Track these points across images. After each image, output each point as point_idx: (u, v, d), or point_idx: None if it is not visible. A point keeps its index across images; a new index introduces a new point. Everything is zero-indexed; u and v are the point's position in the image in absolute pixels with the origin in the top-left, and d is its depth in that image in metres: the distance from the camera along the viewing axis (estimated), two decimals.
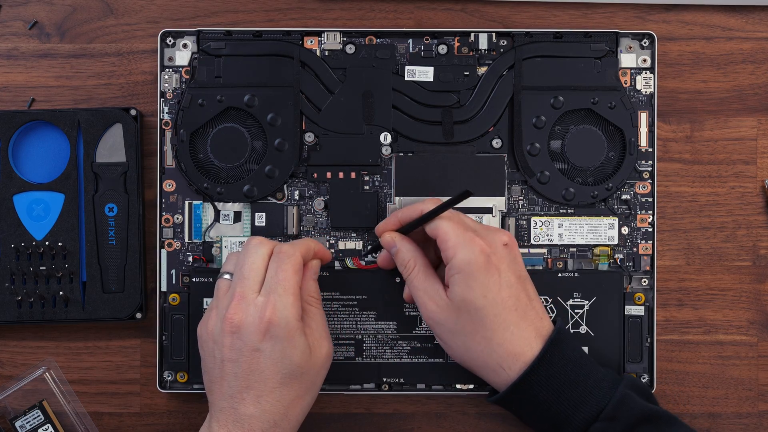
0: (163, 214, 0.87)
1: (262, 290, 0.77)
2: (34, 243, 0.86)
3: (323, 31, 0.87)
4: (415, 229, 0.81)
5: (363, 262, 0.87)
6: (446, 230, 0.78)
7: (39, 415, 0.86)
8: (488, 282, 0.78)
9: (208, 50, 0.86)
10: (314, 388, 0.79)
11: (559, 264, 0.87)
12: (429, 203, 0.81)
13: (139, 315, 0.86)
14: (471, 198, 0.85)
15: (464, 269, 0.77)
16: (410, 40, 0.87)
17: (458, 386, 0.87)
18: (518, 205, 0.87)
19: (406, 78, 0.87)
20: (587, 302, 0.86)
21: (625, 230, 0.87)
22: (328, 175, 0.87)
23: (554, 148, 0.87)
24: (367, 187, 0.87)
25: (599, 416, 0.77)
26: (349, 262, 0.87)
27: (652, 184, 0.87)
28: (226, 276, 0.80)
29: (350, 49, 0.87)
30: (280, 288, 0.77)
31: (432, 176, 0.86)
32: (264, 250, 0.79)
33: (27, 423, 0.86)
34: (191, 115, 0.86)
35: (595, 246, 0.87)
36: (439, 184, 0.86)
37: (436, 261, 0.83)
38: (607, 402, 0.77)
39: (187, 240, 0.87)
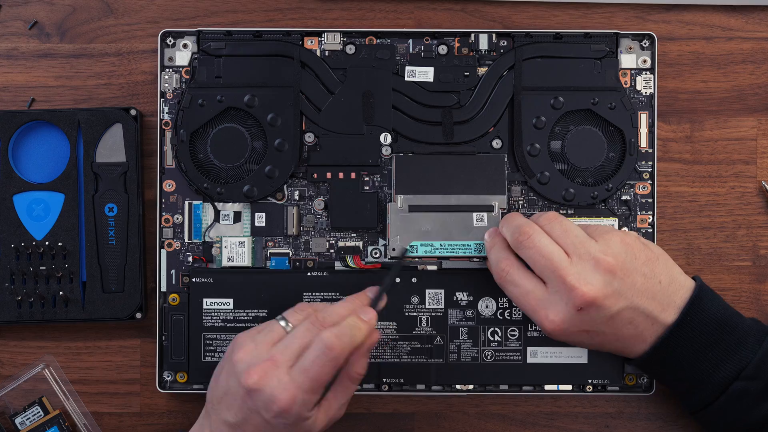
0: (163, 214, 0.87)
1: (294, 367, 0.74)
2: (34, 243, 0.86)
3: (323, 32, 0.87)
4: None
5: (364, 262, 0.87)
6: (519, 307, 0.80)
7: (39, 412, 0.86)
8: (578, 340, 0.79)
9: (208, 50, 0.86)
10: None
11: None
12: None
13: (139, 315, 0.87)
14: (471, 196, 0.85)
15: (551, 336, 0.79)
16: (410, 41, 0.87)
17: (458, 386, 0.87)
18: (518, 205, 0.87)
19: (407, 78, 0.87)
20: None
21: (625, 231, 0.87)
22: (328, 175, 0.87)
23: (554, 148, 0.87)
24: (367, 188, 0.87)
25: (740, 375, 0.77)
26: (350, 261, 0.87)
27: (652, 185, 0.87)
28: (282, 323, 0.77)
29: (350, 49, 0.87)
30: (307, 385, 0.74)
31: (432, 176, 0.86)
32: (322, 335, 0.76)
33: (27, 419, 0.86)
34: (191, 115, 0.86)
35: None
36: (440, 184, 0.86)
37: None
38: (749, 361, 0.77)
39: (187, 240, 0.87)
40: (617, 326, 0.78)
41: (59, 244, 0.86)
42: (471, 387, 0.87)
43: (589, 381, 0.86)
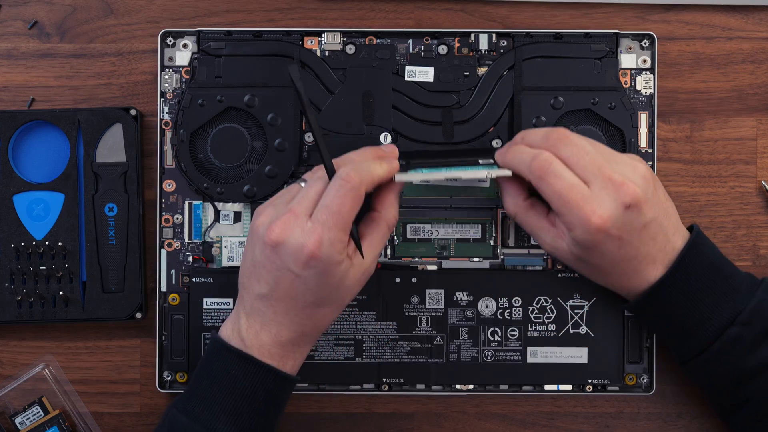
0: (163, 214, 0.87)
1: (313, 214, 0.74)
2: (34, 243, 0.86)
3: (323, 32, 0.87)
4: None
5: None
6: (558, 205, 0.77)
7: (39, 412, 0.86)
8: (606, 249, 0.77)
9: (208, 50, 0.86)
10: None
11: (559, 265, 0.87)
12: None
13: (139, 315, 0.87)
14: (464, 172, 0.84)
15: (581, 244, 0.77)
16: (410, 41, 0.87)
17: (458, 386, 0.87)
18: None
19: (406, 78, 0.87)
20: (587, 303, 0.86)
21: None
22: None
23: None
24: None
25: (735, 320, 0.78)
26: None
27: None
28: (302, 184, 0.77)
29: (350, 49, 0.87)
30: (330, 221, 0.73)
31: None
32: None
33: (27, 419, 0.86)
34: (191, 115, 0.86)
35: None
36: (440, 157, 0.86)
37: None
38: (744, 307, 0.78)
39: (186, 240, 0.87)
40: (644, 239, 0.77)
41: (59, 244, 0.86)
42: (471, 387, 0.87)
43: (589, 381, 0.86)
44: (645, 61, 0.87)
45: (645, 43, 0.87)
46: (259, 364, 0.76)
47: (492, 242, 0.87)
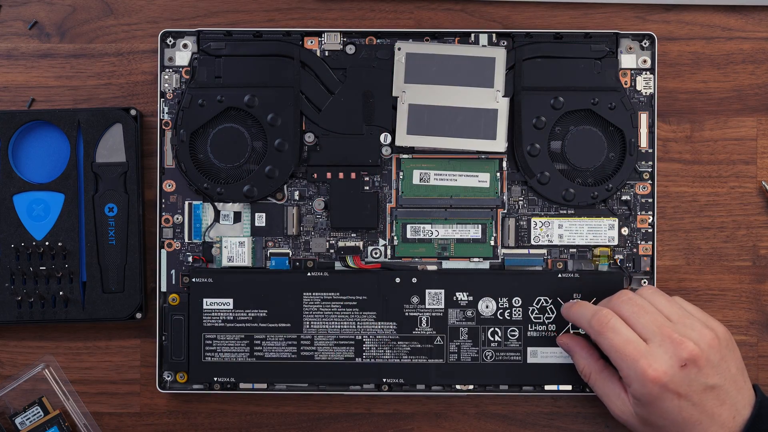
0: (163, 214, 0.87)
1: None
2: (34, 243, 0.86)
3: (323, 32, 0.87)
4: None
5: (364, 262, 0.87)
6: (616, 359, 0.78)
7: (39, 412, 0.86)
8: (666, 407, 0.77)
9: (208, 50, 0.86)
10: None
11: (559, 265, 0.87)
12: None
13: (139, 315, 0.87)
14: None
15: (640, 399, 0.77)
16: (410, 41, 0.87)
17: (458, 386, 0.87)
18: (518, 205, 0.87)
19: None
20: None
21: (625, 231, 0.87)
22: (328, 175, 0.87)
23: (554, 148, 0.87)
24: (367, 188, 0.87)
25: None
26: (350, 261, 0.87)
27: (652, 185, 0.87)
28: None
29: (350, 49, 0.87)
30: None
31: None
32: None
33: (27, 420, 0.86)
34: (191, 115, 0.86)
35: (595, 247, 0.87)
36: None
37: None
38: None
39: (186, 240, 0.87)
40: (708, 402, 0.77)
41: (59, 244, 0.86)
42: (471, 387, 0.87)
43: None
44: (645, 61, 0.87)
45: (645, 43, 0.87)
46: None
47: (492, 242, 0.87)
